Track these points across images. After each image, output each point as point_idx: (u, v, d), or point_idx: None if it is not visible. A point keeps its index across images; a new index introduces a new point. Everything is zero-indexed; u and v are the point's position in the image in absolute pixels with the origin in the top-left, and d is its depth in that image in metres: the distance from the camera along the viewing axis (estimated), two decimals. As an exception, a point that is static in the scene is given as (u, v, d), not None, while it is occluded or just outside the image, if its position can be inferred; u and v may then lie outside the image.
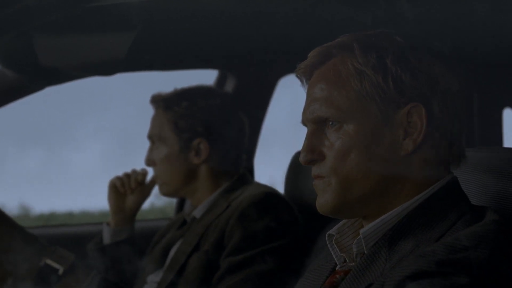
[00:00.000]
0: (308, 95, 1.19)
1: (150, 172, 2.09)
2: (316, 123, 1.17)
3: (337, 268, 1.21)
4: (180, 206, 2.55)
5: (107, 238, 2.08)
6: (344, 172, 1.13)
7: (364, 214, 1.17)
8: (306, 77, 1.21)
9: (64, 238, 2.45)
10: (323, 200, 1.16)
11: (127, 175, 2.11)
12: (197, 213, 1.98)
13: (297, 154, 1.98)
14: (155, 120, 2.01)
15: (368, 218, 1.17)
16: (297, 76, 1.23)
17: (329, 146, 1.15)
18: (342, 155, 1.13)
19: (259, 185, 1.96)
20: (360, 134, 1.13)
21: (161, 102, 2.00)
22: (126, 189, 2.10)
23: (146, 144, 2.05)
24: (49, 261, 1.47)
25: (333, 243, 1.21)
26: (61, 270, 1.46)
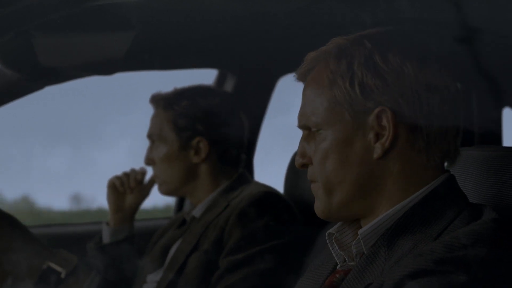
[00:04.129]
0: (301, 100, 1.22)
1: (150, 172, 2.10)
2: (305, 128, 1.21)
3: (337, 268, 1.22)
4: (180, 205, 2.55)
5: (106, 238, 2.08)
6: (325, 178, 1.17)
7: (352, 216, 1.19)
8: (302, 81, 1.23)
9: (64, 237, 2.45)
10: (316, 205, 1.20)
11: (126, 175, 2.11)
12: (197, 212, 1.98)
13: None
14: (154, 119, 2.01)
15: (363, 218, 1.18)
16: (296, 81, 1.25)
17: (314, 151, 1.19)
18: (321, 160, 1.17)
19: (259, 184, 1.96)
20: (335, 140, 1.15)
21: (160, 101, 2.01)
22: (125, 189, 2.10)
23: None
24: (52, 264, 1.46)
25: (333, 241, 1.21)
26: (63, 273, 1.46)
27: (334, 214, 1.19)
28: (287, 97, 2.56)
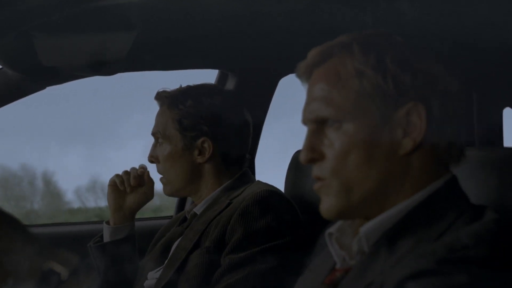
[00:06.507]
0: (308, 94, 1.20)
1: (152, 173, 2.09)
2: (316, 123, 1.17)
3: (336, 266, 1.22)
4: (181, 205, 2.55)
5: (107, 237, 2.08)
6: (345, 173, 1.13)
7: (367, 214, 1.16)
8: (306, 76, 1.21)
9: (65, 237, 2.45)
10: (327, 205, 1.16)
11: (126, 173, 2.11)
12: (198, 209, 1.98)
13: (297, 154, 1.98)
14: (159, 117, 2.01)
15: (369, 216, 1.17)
16: (297, 76, 1.24)
17: (328, 146, 1.15)
18: (342, 155, 1.13)
19: (261, 183, 1.96)
20: (360, 133, 1.13)
21: (165, 99, 2.00)
22: (125, 187, 2.09)
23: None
24: (53, 265, 1.46)
25: (333, 241, 1.21)
26: (65, 274, 1.45)
27: (350, 212, 1.16)
28: (288, 97, 2.56)
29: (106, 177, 2.13)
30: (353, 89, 1.13)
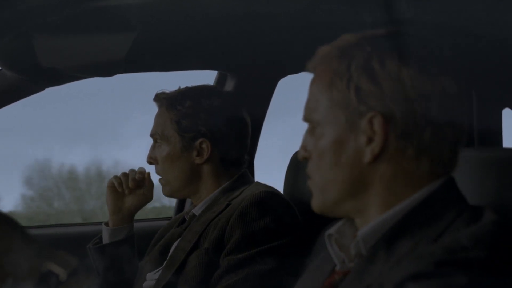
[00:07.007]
0: (308, 93, 1.23)
1: (151, 174, 2.09)
2: (308, 122, 1.21)
3: (336, 269, 1.22)
4: (180, 207, 2.55)
5: (106, 238, 2.08)
6: (319, 175, 1.18)
7: (345, 215, 1.20)
8: (312, 73, 1.23)
9: (64, 238, 2.45)
10: (313, 201, 1.21)
11: (125, 175, 2.11)
12: (197, 210, 1.98)
13: (296, 154, 1.98)
14: (158, 119, 2.02)
15: (357, 219, 1.19)
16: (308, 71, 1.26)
17: (313, 146, 1.19)
18: (318, 158, 1.18)
19: (260, 184, 1.96)
20: (330, 139, 1.16)
21: (164, 100, 2.01)
22: (123, 189, 2.09)
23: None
24: (51, 266, 1.46)
25: (333, 242, 1.21)
26: (63, 275, 1.45)
27: (328, 211, 1.20)
28: (288, 97, 2.56)
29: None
30: (326, 96, 1.16)
